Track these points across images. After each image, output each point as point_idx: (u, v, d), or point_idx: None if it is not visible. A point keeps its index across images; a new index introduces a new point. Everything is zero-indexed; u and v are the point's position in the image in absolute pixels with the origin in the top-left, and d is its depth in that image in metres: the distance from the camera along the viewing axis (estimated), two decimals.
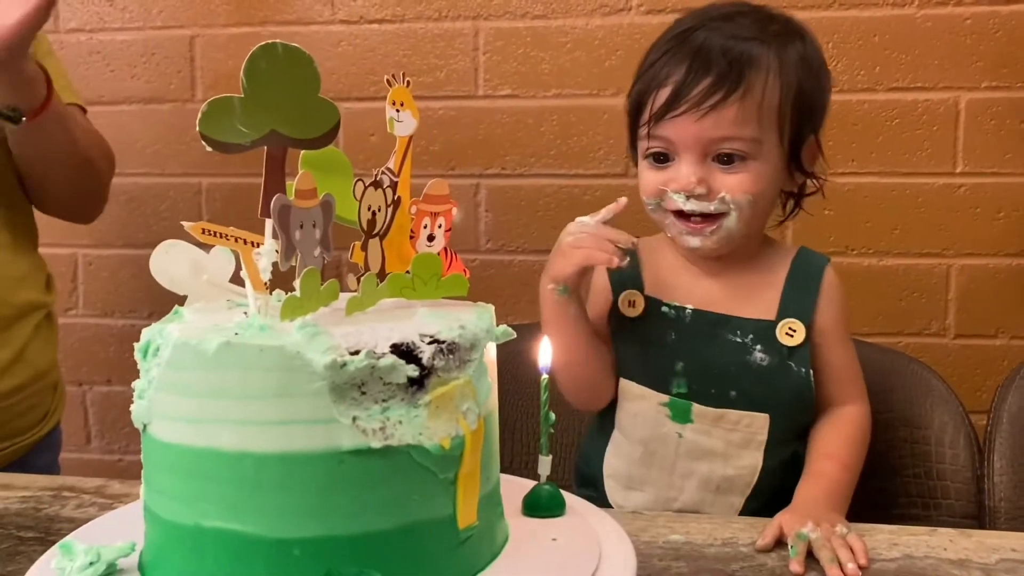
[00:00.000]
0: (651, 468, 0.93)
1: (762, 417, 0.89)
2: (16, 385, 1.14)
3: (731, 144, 0.85)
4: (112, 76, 1.60)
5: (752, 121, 0.85)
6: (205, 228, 0.58)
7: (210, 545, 0.52)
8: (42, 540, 0.77)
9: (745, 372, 0.89)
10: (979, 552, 0.75)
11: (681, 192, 0.86)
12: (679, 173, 0.87)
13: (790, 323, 0.89)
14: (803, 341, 0.88)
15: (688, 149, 0.86)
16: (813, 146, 0.92)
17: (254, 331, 0.52)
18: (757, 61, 0.85)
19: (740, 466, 0.90)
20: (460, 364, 0.55)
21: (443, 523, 0.54)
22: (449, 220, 0.66)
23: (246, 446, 0.51)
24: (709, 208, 0.87)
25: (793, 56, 0.87)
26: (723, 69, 0.84)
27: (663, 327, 0.92)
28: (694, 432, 0.90)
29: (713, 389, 0.90)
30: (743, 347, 0.89)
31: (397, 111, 0.64)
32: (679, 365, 0.90)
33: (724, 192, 0.86)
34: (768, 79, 0.85)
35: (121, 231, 1.62)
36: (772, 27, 0.89)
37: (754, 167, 0.86)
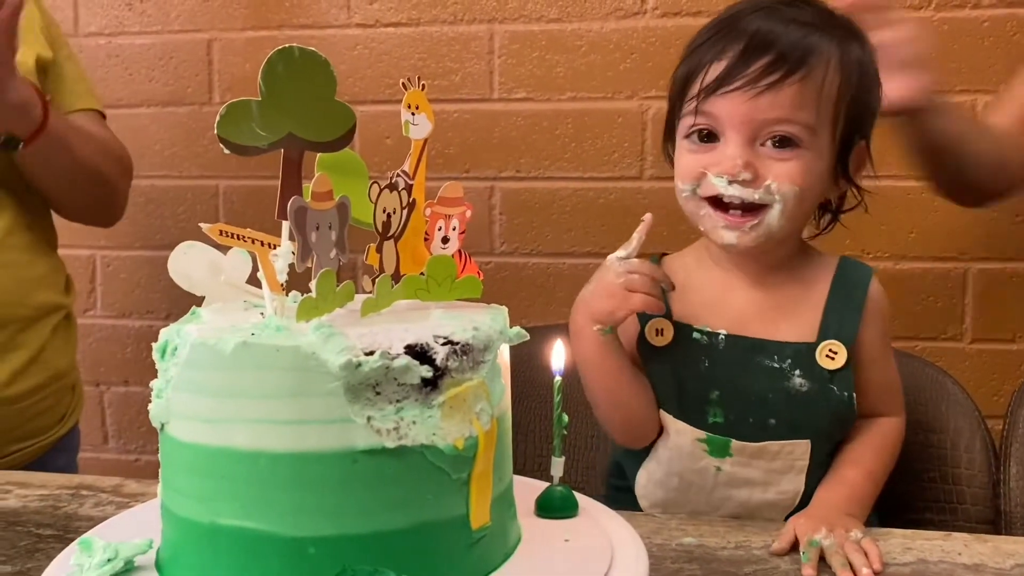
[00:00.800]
0: (687, 494, 0.89)
1: (803, 444, 0.84)
2: (33, 386, 1.15)
3: (785, 127, 0.79)
4: (130, 79, 1.62)
5: (811, 106, 0.79)
6: (222, 230, 0.58)
7: (226, 543, 0.52)
8: (60, 538, 0.78)
9: (784, 399, 0.84)
10: (994, 557, 0.74)
11: (724, 176, 0.80)
12: (724, 155, 0.80)
13: (831, 345, 0.83)
14: (845, 363, 0.83)
15: (736, 129, 0.80)
16: (862, 152, 0.87)
17: (270, 332, 0.52)
18: (819, 48, 0.80)
19: (781, 491, 0.86)
20: (474, 365, 0.56)
21: (456, 523, 0.55)
22: (463, 222, 0.66)
23: (261, 445, 0.51)
24: (753, 196, 0.80)
25: (854, 55, 0.83)
26: (785, 48, 0.79)
27: (695, 354, 0.86)
28: (733, 465, 0.86)
29: (751, 418, 0.84)
30: (781, 373, 0.83)
31: (412, 114, 0.65)
32: (714, 394, 0.85)
33: (771, 180, 0.79)
34: (829, 69, 0.80)
35: (139, 233, 1.63)
36: (835, 21, 0.84)
37: (806, 157, 0.80)
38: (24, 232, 1.16)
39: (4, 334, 1.11)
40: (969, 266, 1.41)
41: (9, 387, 1.12)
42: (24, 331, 1.14)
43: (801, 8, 0.83)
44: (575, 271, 1.49)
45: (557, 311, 1.50)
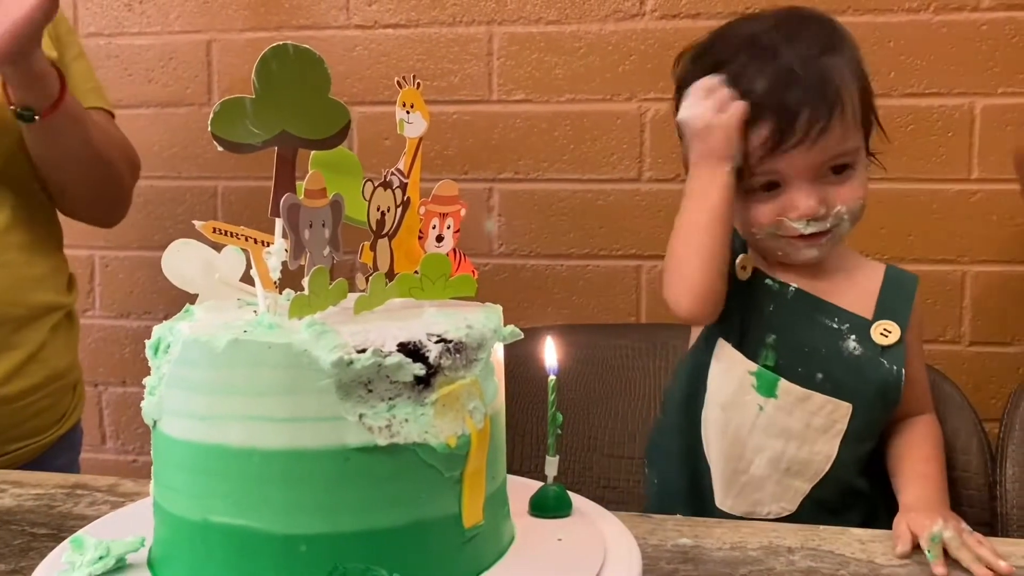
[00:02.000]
0: (724, 437, 0.92)
1: (845, 406, 0.89)
2: (31, 385, 1.14)
3: (842, 159, 0.89)
4: (130, 80, 1.62)
5: (852, 132, 0.89)
6: (216, 227, 0.58)
7: (218, 540, 0.52)
8: (55, 537, 0.78)
9: (836, 358, 0.90)
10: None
11: (803, 219, 0.88)
12: (796, 201, 0.88)
13: (885, 324, 0.90)
14: (897, 341, 0.89)
15: (801, 176, 0.88)
16: (877, 138, 0.95)
17: (263, 329, 0.52)
18: (838, 72, 0.88)
19: (814, 451, 0.89)
20: (467, 363, 0.56)
21: (449, 521, 0.55)
22: (458, 221, 0.66)
23: (253, 442, 0.51)
24: (826, 226, 0.89)
25: (850, 54, 0.91)
26: (816, 95, 0.86)
27: (762, 297, 0.93)
28: (776, 408, 0.90)
29: (800, 368, 0.90)
30: (838, 333, 0.90)
31: (407, 112, 0.65)
32: (771, 338, 0.91)
33: (839, 205, 0.89)
34: (849, 87, 0.88)
35: (138, 233, 1.63)
36: (825, 31, 0.91)
37: (860, 171, 0.91)
38: (24, 231, 1.15)
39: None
40: (967, 269, 1.41)
41: (5, 386, 1.11)
42: (20, 331, 1.13)
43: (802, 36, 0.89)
44: (573, 273, 1.49)
45: (555, 312, 1.50)
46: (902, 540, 0.74)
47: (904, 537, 0.74)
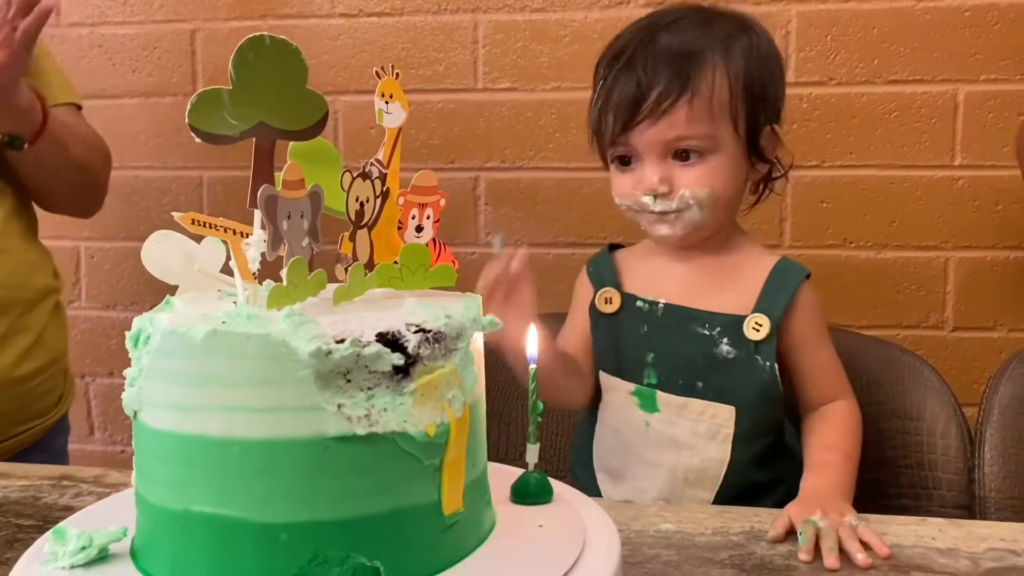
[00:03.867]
0: (627, 459, 0.96)
1: (727, 409, 0.91)
2: (36, 368, 1.18)
3: (687, 143, 0.90)
4: (113, 70, 1.61)
5: (703, 119, 0.90)
6: (195, 219, 0.58)
7: (198, 530, 0.53)
8: (40, 528, 0.78)
9: (711, 364, 0.92)
10: (968, 542, 0.75)
11: (648, 193, 0.91)
12: (643, 175, 0.92)
13: (757, 318, 0.92)
14: (768, 336, 0.91)
15: (648, 152, 0.91)
16: (770, 135, 0.95)
17: (241, 320, 0.52)
18: (701, 61, 0.90)
19: (707, 458, 0.92)
20: (446, 353, 0.56)
21: (428, 509, 0.55)
22: (437, 211, 0.66)
23: (233, 433, 0.51)
24: (671, 206, 0.91)
25: (738, 51, 0.92)
26: (670, 75, 0.89)
27: (637, 320, 0.96)
28: (660, 421, 0.93)
29: (681, 380, 0.93)
30: (710, 339, 0.92)
31: (386, 103, 0.65)
32: (650, 356, 0.94)
33: (684, 189, 0.90)
34: (715, 76, 0.90)
35: (123, 224, 1.63)
36: (717, 25, 0.93)
37: (712, 161, 0.91)
38: (17, 219, 1.18)
39: (9, 317, 1.14)
40: (951, 255, 1.42)
41: (16, 369, 1.14)
42: (27, 314, 1.16)
43: (681, 25, 0.92)
44: (560, 261, 1.50)
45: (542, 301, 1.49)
46: (776, 526, 0.76)
47: (779, 524, 0.76)
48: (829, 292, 1.44)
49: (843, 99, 1.41)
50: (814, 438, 0.91)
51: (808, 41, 1.41)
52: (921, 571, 0.70)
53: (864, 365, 1.02)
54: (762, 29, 0.96)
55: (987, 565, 0.71)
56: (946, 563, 0.71)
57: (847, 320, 1.41)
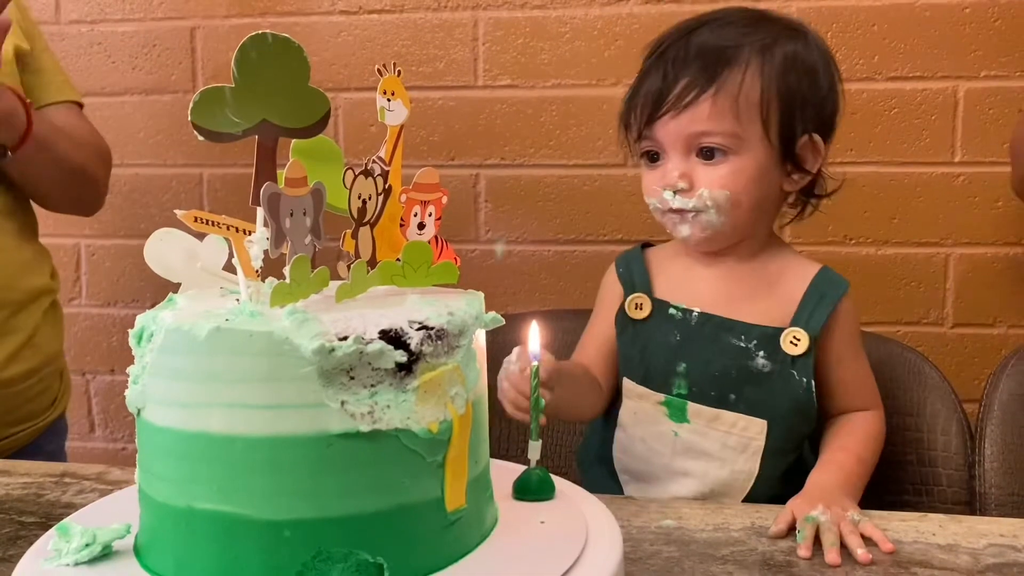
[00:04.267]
0: (653, 466, 0.93)
1: (759, 423, 0.89)
2: (27, 370, 1.16)
3: (710, 138, 0.88)
4: (113, 68, 1.61)
5: (728, 116, 0.87)
6: (197, 216, 0.59)
7: (202, 527, 0.53)
8: (43, 525, 0.78)
9: (746, 376, 0.89)
10: (968, 537, 0.75)
11: (668, 188, 0.89)
12: (666, 170, 0.90)
13: (795, 332, 0.89)
14: (806, 351, 0.89)
15: (672, 146, 0.89)
16: (809, 145, 0.91)
17: (244, 317, 0.53)
18: (733, 59, 0.88)
19: (736, 471, 0.90)
20: (448, 350, 0.56)
21: (431, 505, 0.55)
22: (439, 208, 0.66)
23: (236, 430, 0.51)
24: (688, 204, 0.89)
25: (779, 54, 0.89)
26: (697, 68, 0.88)
27: (668, 328, 0.93)
28: (690, 432, 0.91)
29: (713, 392, 0.90)
30: (745, 352, 0.90)
31: (388, 100, 0.65)
32: (681, 366, 0.91)
33: (703, 188, 0.88)
34: (746, 75, 0.88)
35: (123, 221, 1.63)
36: (762, 27, 0.91)
37: (735, 162, 0.88)
38: (10, 218, 1.17)
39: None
40: (951, 251, 1.42)
41: (5, 370, 1.13)
42: (17, 315, 1.15)
43: (723, 22, 0.91)
44: (560, 258, 1.50)
45: (542, 298, 1.50)
46: (778, 520, 0.76)
47: (781, 518, 0.76)
48: None
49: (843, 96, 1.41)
50: (831, 439, 0.90)
51: None
52: (922, 567, 0.70)
53: None
54: (816, 38, 0.94)
55: (988, 561, 0.71)
56: (947, 559, 0.72)
57: None
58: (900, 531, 0.77)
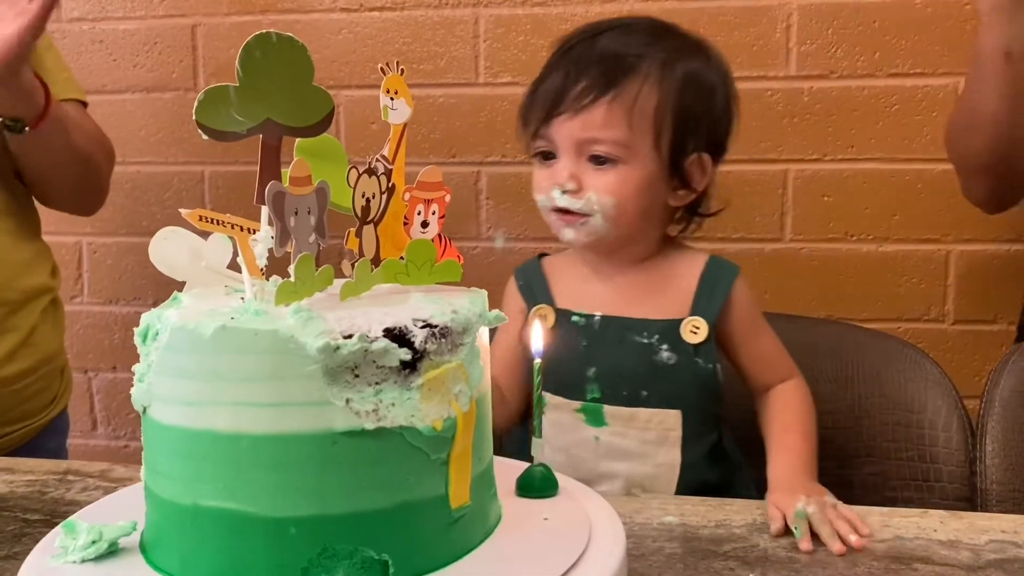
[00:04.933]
0: (577, 471, 0.93)
1: (674, 414, 0.91)
2: (24, 369, 1.16)
3: (600, 146, 0.89)
4: (115, 65, 1.61)
5: (620, 124, 0.88)
6: (202, 215, 0.59)
7: (208, 524, 0.53)
8: (48, 522, 0.78)
9: (653, 371, 0.91)
10: (969, 533, 0.76)
11: (557, 187, 0.90)
12: (556, 170, 0.91)
13: (694, 321, 0.91)
14: (707, 338, 0.91)
15: (565, 148, 0.90)
16: (698, 163, 0.93)
17: (249, 316, 0.53)
18: (633, 68, 0.89)
19: (658, 464, 0.92)
20: (452, 348, 0.56)
21: (436, 502, 0.55)
22: (443, 207, 0.67)
23: (241, 427, 0.52)
24: (576, 205, 0.90)
25: (680, 70, 0.90)
26: (598, 72, 0.89)
27: (574, 336, 0.94)
28: (610, 434, 0.92)
29: (625, 391, 0.92)
30: (650, 347, 0.92)
31: (391, 99, 0.65)
32: (591, 371, 0.92)
33: (591, 192, 0.89)
34: (644, 86, 0.89)
35: (125, 219, 1.63)
36: (667, 40, 0.92)
37: (623, 170, 0.89)
38: (9, 217, 1.17)
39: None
40: (952, 248, 1.42)
41: (1, 369, 1.13)
42: (14, 314, 1.15)
43: (629, 29, 0.92)
44: None
45: None
46: (774, 519, 0.77)
47: (776, 516, 0.77)
48: (830, 285, 1.45)
49: (844, 92, 1.41)
50: (772, 420, 0.91)
51: (809, 34, 1.41)
52: (923, 563, 0.71)
53: (865, 358, 1.03)
54: (718, 60, 0.95)
55: (988, 557, 0.71)
56: (948, 555, 0.72)
57: (848, 313, 1.42)
58: (901, 527, 0.77)
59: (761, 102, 1.43)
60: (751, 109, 1.43)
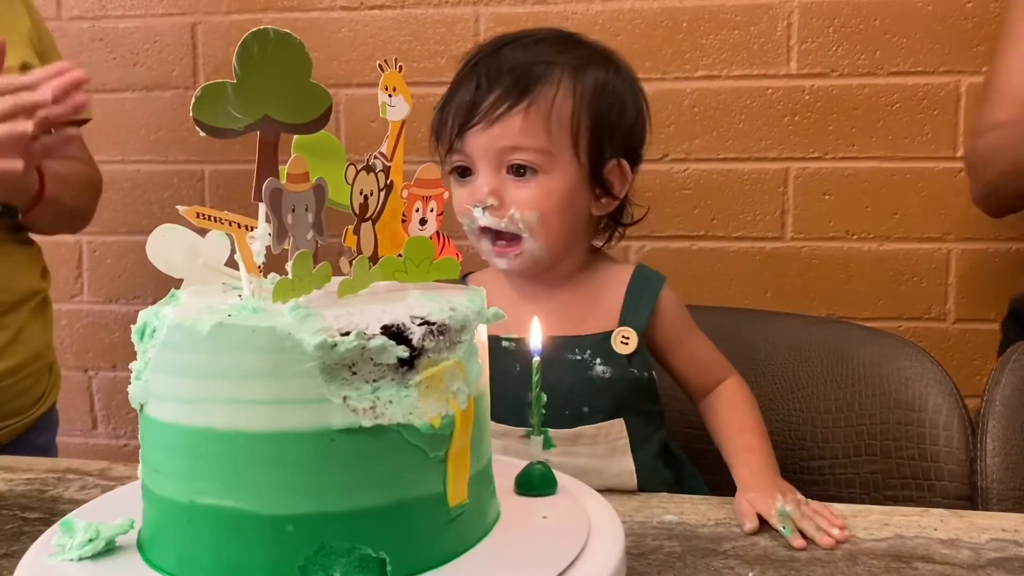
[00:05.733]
0: None
1: (617, 423, 0.90)
2: (12, 366, 1.17)
3: (521, 154, 0.87)
4: (115, 64, 1.61)
5: (539, 131, 0.86)
6: (200, 212, 0.59)
7: (205, 522, 0.53)
8: (46, 521, 0.78)
9: (591, 387, 0.90)
10: (969, 532, 0.75)
11: (478, 204, 0.88)
12: (476, 186, 0.88)
13: (623, 332, 0.90)
14: (637, 347, 0.90)
15: (482, 160, 0.88)
16: (617, 170, 0.92)
17: (247, 313, 0.53)
18: (546, 76, 0.87)
19: (615, 474, 0.90)
20: (450, 345, 0.56)
21: (434, 500, 0.55)
22: (441, 204, 0.66)
23: (239, 425, 0.51)
24: (500, 225, 0.87)
25: (590, 76, 0.89)
26: (510, 81, 0.87)
27: (507, 362, 0.91)
28: (559, 455, 0.90)
29: (567, 411, 0.90)
30: (584, 363, 0.90)
31: (390, 96, 0.65)
32: (530, 395, 0.86)
33: (514, 208, 0.87)
34: (558, 93, 0.87)
35: (125, 218, 1.63)
36: (575, 49, 0.91)
37: (544, 181, 0.87)
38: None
39: None
40: (952, 247, 1.42)
41: None
42: (4, 315, 1.16)
43: (535, 40, 0.90)
44: None
45: None
46: (748, 517, 0.77)
47: (750, 514, 0.77)
48: (831, 284, 1.44)
49: (845, 91, 1.41)
50: (724, 422, 0.91)
51: (810, 33, 1.41)
52: (923, 562, 0.70)
53: (866, 357, 1.02)
54: (627, 68, 0.94)
55: (989, 556, 0.71)
56: (948, 554, 0.72)
57: (849, 312, 1.42)
58: (902, 526, 0.77)
59: (762, 100, 1.43)
60: (752, 107, 1.43)
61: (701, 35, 1.43)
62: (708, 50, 1.44)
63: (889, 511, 0.80)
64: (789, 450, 1.01)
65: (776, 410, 1.04)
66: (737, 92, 1.44)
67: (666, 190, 1.46)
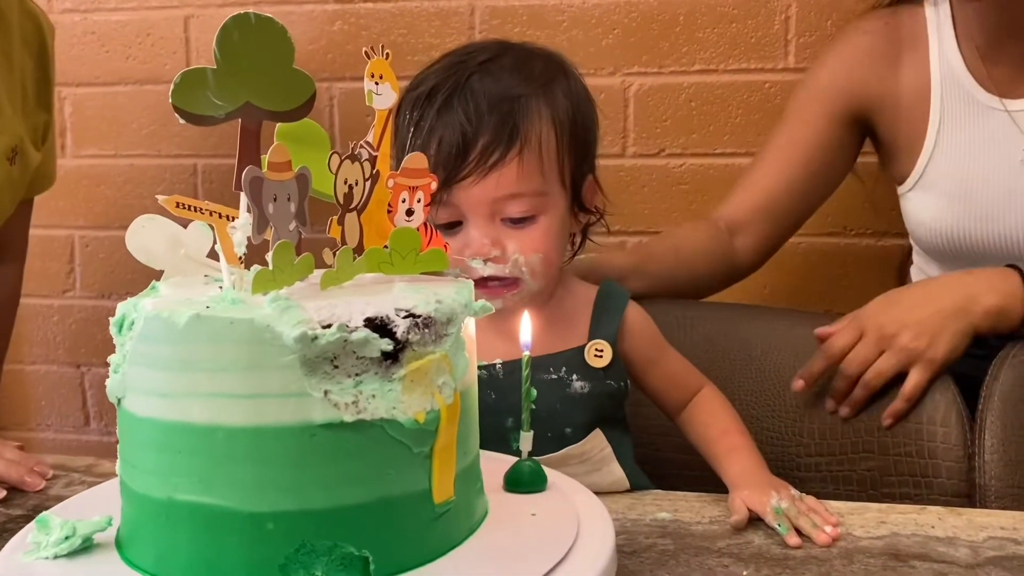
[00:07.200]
0: None
1: (596, 435, 0.87)
2: None
3: (519, 203, 0.82)
4: (107, 57, 1.60)
5: (535, 174, 0.82)
6: (179, 202, 0.57)
7: (183, 519, 0.52)
8: (30, 518, 0.76)
9: (570, 406, 0.87)
10: (967, 530, 0.75)
11: (478, 257, 0.82)
12: (471, 237, 0.83)
13: (596, 344, 0.87)
14: (612, 359, 0.87)
15: (476, 212, 0.82)
16: (592, 185, 0.90)
17: (225, 304, 0.52)
18: (525, 109, 0.82)
19: (606, 485, 0.87)
20: (436, 339, 0.55)
21: (419, 497, 0.54)
22: (428, 194, 0.65)
23: (217, 419, 0.50)
24: (504, 272, 0.83)
25: (559, 94, 0.85)
26: (497, 123, 0.81)
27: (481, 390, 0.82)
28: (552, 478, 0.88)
29: (549, 433, 0.86)
30: (561, 381, 0.87)
31: (376, 84, 0.64)
32: (509, 421, 0.85)
33: (516, 254, 0.83)
34: (542, 127, 0.83)
35: (117, 212, 1.62)
36: (532, 66, 0.86)
37: (543, 223, 0.84)
38: None
39: None
40: None
41: None
42: None
43: (496, 66, 0.84)
44: None
45: None
46: (739, 513, 0.76)
47: (741, 510, 0.76)
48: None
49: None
50: (707, 428, 0.89)
51: (808, 26, 1.40)
52: (921, 560, 0.69)
53: None
54: (573, 68, 0.90)
55: (987, 554, 0.70)
56: (946, 551, 0.71)
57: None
58: (899, 523, 0.76)
59: (760, 94, 1.42)
60: (750, 101, 1.42)
61: (698, 29, 1.42)
62: (705, 44, 1.42)
63: (886, 509, 0.79)
64: (785, 447, 1.00)
65: (772, 406, 1.03)
66: (735, 86, 1.42)
67: (663, 185, 1.45)
